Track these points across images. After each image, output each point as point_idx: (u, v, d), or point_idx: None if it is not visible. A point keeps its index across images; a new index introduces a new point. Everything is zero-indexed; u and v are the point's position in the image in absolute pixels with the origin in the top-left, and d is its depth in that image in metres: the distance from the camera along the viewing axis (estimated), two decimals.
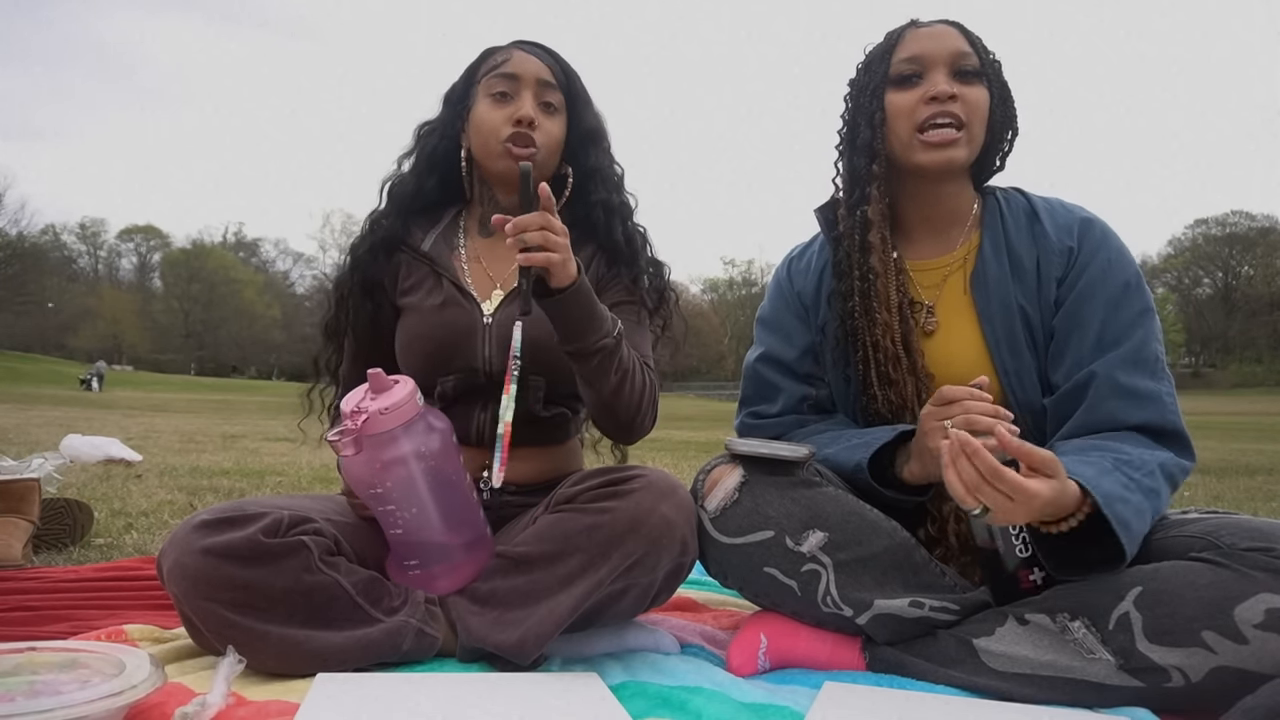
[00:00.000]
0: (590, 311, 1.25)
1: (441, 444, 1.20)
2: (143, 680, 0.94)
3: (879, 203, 1.40)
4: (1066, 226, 1.38)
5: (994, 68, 1.38)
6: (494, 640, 1.16)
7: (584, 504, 1.19)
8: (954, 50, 1.35)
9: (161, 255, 75.81)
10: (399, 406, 1.16)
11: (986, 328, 1.36)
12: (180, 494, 3.18)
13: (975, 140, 1.35)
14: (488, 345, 1.39)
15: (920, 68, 1.35)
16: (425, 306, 1.43)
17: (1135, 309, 1.32)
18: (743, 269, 77.62)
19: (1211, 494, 4.58)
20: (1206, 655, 1.06)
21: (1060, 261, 1.35)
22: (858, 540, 1.23)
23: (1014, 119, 1.42)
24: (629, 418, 1.36)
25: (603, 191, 1.48)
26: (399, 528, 1.20)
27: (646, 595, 1.21)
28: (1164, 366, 1.32)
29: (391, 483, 1.17)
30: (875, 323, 1.37)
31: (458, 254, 1.48)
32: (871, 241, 1.39)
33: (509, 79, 1.42)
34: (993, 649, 1.17)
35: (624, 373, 1.31)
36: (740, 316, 70.10)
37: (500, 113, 1.41)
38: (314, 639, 1.12)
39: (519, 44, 1.47)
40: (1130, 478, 1.15)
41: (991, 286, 1.37)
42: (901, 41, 1.38)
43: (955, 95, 1.32)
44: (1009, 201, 1.44)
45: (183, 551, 1.09)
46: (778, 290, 1.54)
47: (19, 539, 1.92)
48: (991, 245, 1.39)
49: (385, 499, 1.18)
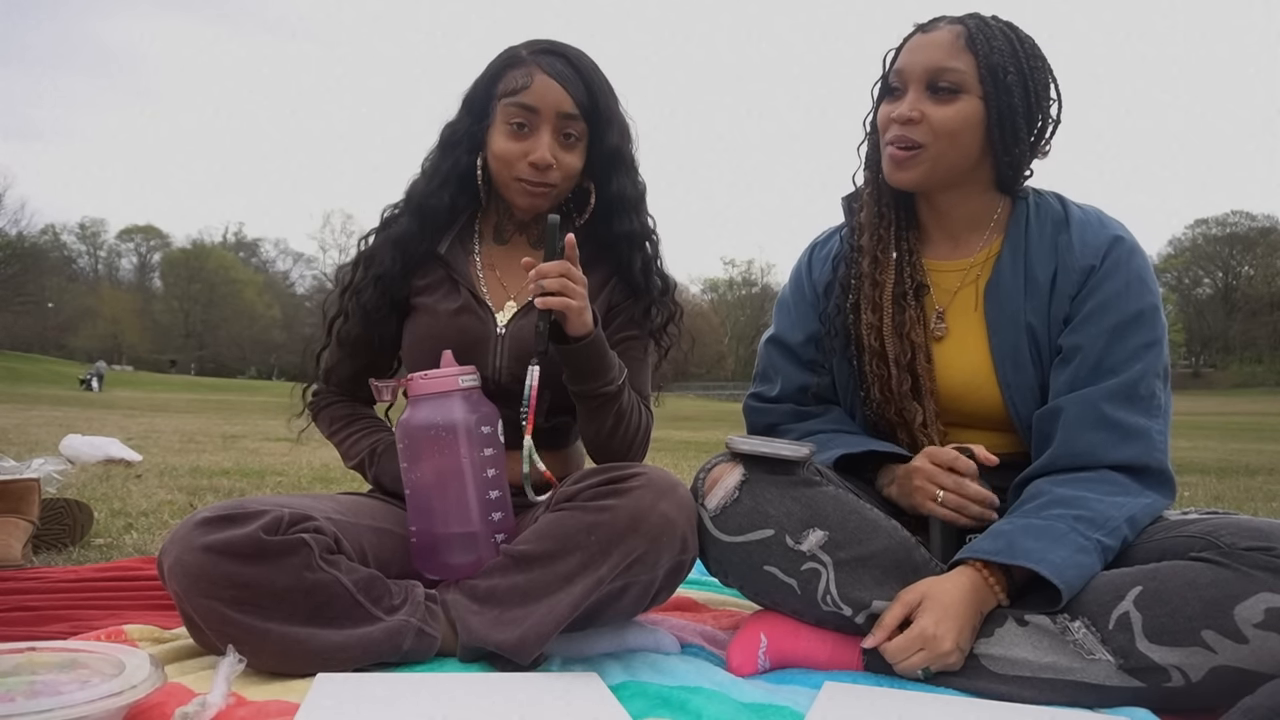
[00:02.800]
0: (600, 363, 1.30)
1: (465, 429, 1.25)
2: (143, 680, 0.94)
3: (871, 207, 1.40)
4: (1095, 246, 1.33)
5: (999, 78, 1.29)
6: (494, 639, 1.16)
7: (584, 502, 1.20)
8: (932, 66, 1.30)
9: (161, 255, 75.90)
10: (443, 377, 1.27)
11: (994, 340, 1.35)
12: (180, 494, 3.18)
13: (940, 160, 1.32)
14: (499, 355, 1.40)
15: (901, 83, 1.34)
16: (440, 309, 1.43)
17: (1140, 340, 1.29)
18: (743, 269, 77.73)
19: (1211, 494, 4.58)
20: (1206, 655, 1.06)
21: (1078, 279, 1.32)
22: (858, 539, 1.23)
23: (1023, 131, 1.33)
24: (619, 453, 1.39)
25: (624, 222, 1.45)
26: (407, 488, 1.28)
27: (647, 593, 1.21)
28: (1160, 403, 1.29)
29: (407, 440, 1.26)
30: (860, 320, 1.40)
31: (473, 260, 1.48)
32: (863, 245, 1.40)
33: (528, 111, 1.36)
34: (992, 652, 1.16)
35: (621, 416, 1.36)
36: (740, 316, 70.14)
37: (517, 146, 1.37)
38: (314, 637, 1.12)
39: (540, 60, 1.38)
40: (1086, 537, 1.17)
41: (1004, 299, 1.35)
42: (902, 47, 1.36)
43: (916, 119, 1.30)
44: (1040, 208, 1.39)
45: (184, 549, 1.09)
46: (796, 275, 1.56)
47: (19, 539, 1.92)
48: (1010, 255, 1.37)
49: (403, 454, 1.28)
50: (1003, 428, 1.38)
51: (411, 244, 1.44)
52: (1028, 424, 1.34)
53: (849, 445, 1.37)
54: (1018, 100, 1.30)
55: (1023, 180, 1.40)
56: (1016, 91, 1.30)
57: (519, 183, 1.38)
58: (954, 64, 1.30)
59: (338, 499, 1.37)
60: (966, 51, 1.30)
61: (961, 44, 1.30)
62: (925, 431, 1.37)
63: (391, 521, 1.35)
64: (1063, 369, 1.31)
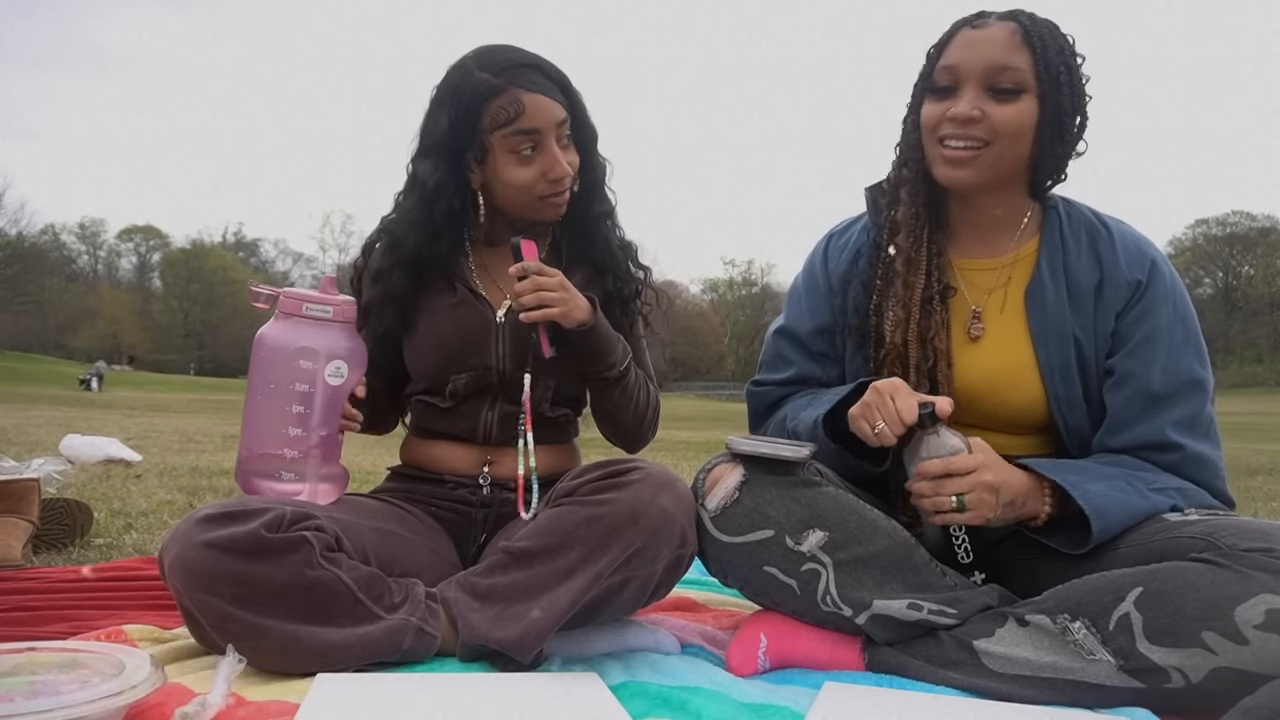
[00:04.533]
0: (604, 347, 1.38)
1: (274, 352, 1.28)
2: (143, 680, 0.94)
3: (909, 206, 1.37)
4: (1139, 261, 1.33)
5: (1054, 77, 1.27)
6: (495, 636, 1.16)
7: (583, 497, 1.20)
8: (991, 64, 1.27)
9: (161, 255, 75.85)
10: (291, 299, 1.29)
11: (1041, 352, 1.34)
12: (180, 494, 3.18)
13: (1001, 159, 1.30)
14: (501, 344, 1.43)
15: (954, 80, 1.30)
16: (439, 306, 1.46)
17: (1193, 371, 1.31)
18: (743, 269, 77.66)
19: None
20: (1207, 656, 1.05)
21: (1125, 294, 1.32)
22: (858, 540, 1.23)
23: (1070, 131, 1.32)
24: (634, 431, 1.49)
25: (601, 201, 1.50)
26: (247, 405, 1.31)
27: (646, 588, 1.21)
28: (1217, 434, 1.32)
29: (252, 353, 1.28)
30: (885, 318, 1.38)
31: (466, 264, 1.50)
32: (899, 244, 1.37)
33: (531, 135, 1.36)
34: (993, 650, 1.17)
35: (630, 394, 1.44)
36: (740, 316, 70.12)
37: (530, 170, 1.37)
38: (314, 635, 1.12)
39: (516, 79, 1.35)
40: (1126, 481, 1.20)
41: (1048, 309, 1.34)
42: (950, 43, 1.32)
43: (978, 118, 1.27)
44: (1071, 216, 1.39)
45: (184, 545, 1.10)
46: (810, 265, 1.53)
47: (19, 539, 1.92)
48: (1048, 264, 1.35)
49: (250, 363, 1.30)
50: (1015, 430, 1.38)
51: (410, 296, 1.46)
52: (1077, 438, 1.35)
53: (821, 406, 1.34)
54: (1066, 99, 1.29)
55: (1059, 181, 1.38)
56: (1066, 90, 1.28)
57: (542, 200, 1.41)
58: (1015, 62, 1.26)
59: (339, 499, 1.37)
60: (1024, 48, 1.27)
61: (1019, 41, 1.27)
62: None
63: (392, 521, 1.36)
64: (1117, 393, 1.32)
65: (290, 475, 1.29)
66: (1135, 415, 1.30)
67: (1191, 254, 67.35)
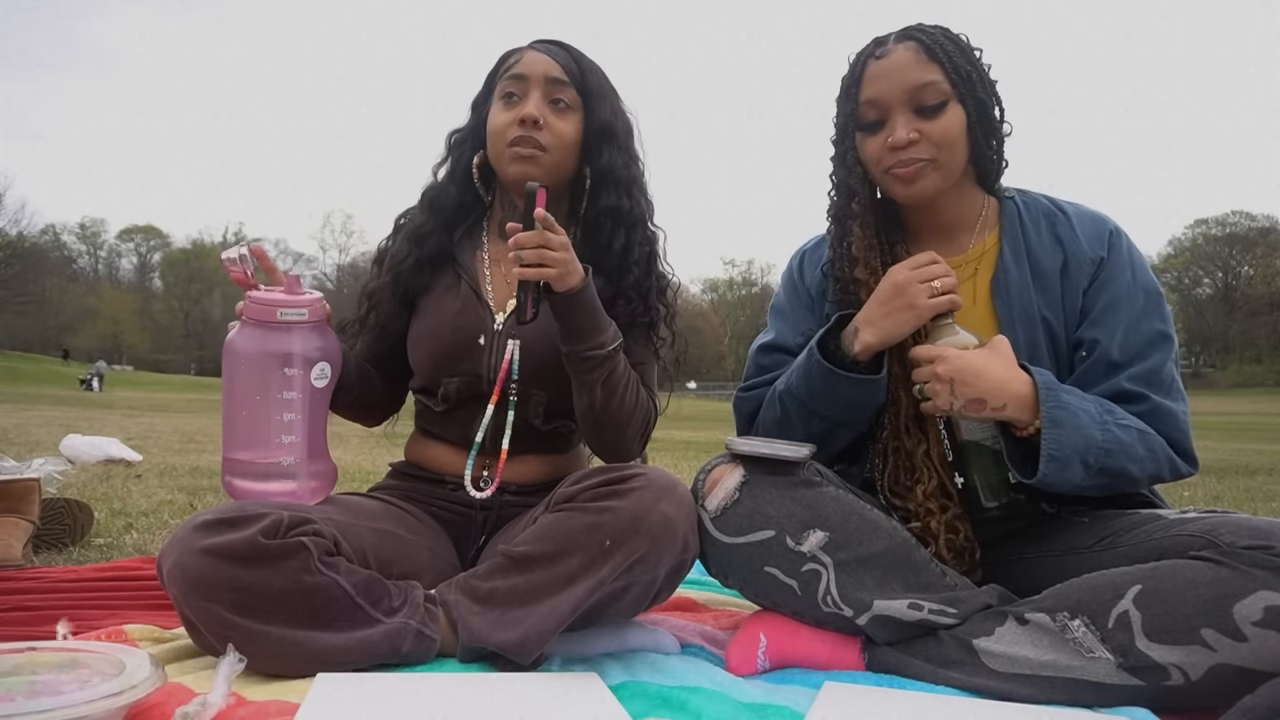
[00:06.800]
0: (591, 319, 1.30)
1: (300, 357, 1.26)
2: (143, 680, 0.94)
3: (862, 239, 1.39)
4: (1098, 236, 1.37)
5: (967, 79, 1.32)
6: (495, 639, 1.16)
7: (584, 503, 1.20)
8: (910, 86, 1.30)
9: (161, 255, 75.93)
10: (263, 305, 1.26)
11: (1009, 338, 1.34)
12: (180, 494, 3.18)
13: (950, 165, 1.33)
14: (494, 354, 1.42)
15: (881, 113, 1.33)
16: (441, 307, 1.46)
17: (1154, 330, 1.33)
18: (743, 269, 77.79)
19: (1211, 494, 4.57)
20: (1206, 653, 1.06)
21: (1090, 270, 1.36)
22: (858, 540, 1.23)
23: (996, 121, 1.37)
24: (616, 434, 1.37)
25: (610, 196, 1.45)
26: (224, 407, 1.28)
27: (648, 593, 1.21)
28: (1181, 390, 1.34)
29: (227, 361, 1.27)
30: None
31: (480, 256, 1.50)
32: (859, 276, 1.38)
33: (518, 80, 1.41)
34: (993, 649, 1.17)
35: (615, 386, 1.33)
36: (740, 316, 70.15)
37: (508, 114, 1.41)
38: (313, 640, 1.12)
39: (534, 44, 1.47)
40: (1096, 409, 1.23)
41: (1013, 294, 1.36)
42: (863, 78, 1.34)
43: (916, 139, 1.30)
44: (1028, 205, 1.43)
45: (182, 552, 1.09)
46: (788, 280, 1.57)
47: (19, 539, 1.92)
48: (1011, 251, 1.38)
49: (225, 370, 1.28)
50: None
51: (424, 236, 1.48)
52: None
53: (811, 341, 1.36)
54: (983, 95, 1.34)
55: (1003, 169, 1.42)
56: (980, 87, 1.34)
57: (510, 149, 1.40)
58: (929, 77, 1.30)
59: (337, 499, 1.37)
60: (932, 63, 1.31)
61: (925, 57, 1.31)
62: (915, 420, 1.37)
63: (391, 522, 1.36)
64: (1082, 360, 1.34)
65: (280, 478, 1.28)
66: (1098, 377, 1.32)
67: (1191, 254, 67.42)
